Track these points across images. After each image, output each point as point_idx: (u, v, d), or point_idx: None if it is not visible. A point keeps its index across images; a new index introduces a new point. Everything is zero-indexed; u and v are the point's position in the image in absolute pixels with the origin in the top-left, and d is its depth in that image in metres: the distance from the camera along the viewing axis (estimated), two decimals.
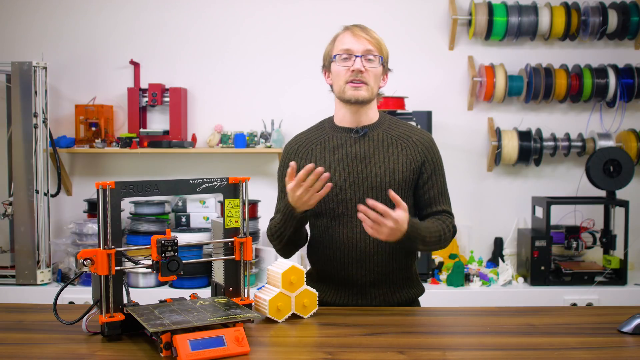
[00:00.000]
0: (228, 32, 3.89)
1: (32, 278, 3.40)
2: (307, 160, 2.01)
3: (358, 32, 1.95)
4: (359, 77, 1.93)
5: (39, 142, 3.44)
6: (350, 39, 1.96)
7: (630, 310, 1.77)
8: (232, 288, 1.75)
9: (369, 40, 1.95)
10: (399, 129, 2.03)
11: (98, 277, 1.56)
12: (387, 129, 2.02)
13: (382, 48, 1.98)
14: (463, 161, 3.89)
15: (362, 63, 1.93)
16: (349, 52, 1.94)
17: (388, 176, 1.95)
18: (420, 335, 1.67)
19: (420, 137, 2.02)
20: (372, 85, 1.96)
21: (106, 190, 1.55)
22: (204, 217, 3.65)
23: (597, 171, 3.52)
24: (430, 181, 2.00)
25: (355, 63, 1.93)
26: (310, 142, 2.04)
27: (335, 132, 2.02)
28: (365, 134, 1.99)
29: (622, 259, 3.50)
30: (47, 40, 3.88)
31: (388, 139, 2.00)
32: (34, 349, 1.52)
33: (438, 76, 3.89)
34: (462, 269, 3.49)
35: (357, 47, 1.94)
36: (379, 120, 2.03)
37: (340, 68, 1.95)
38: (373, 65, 1.95)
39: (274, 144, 3.71)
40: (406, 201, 1.97)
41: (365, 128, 2.00)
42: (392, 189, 1.92)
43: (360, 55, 1.93)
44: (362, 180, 1.96)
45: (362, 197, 1.95)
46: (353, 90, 1.94)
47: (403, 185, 1.96)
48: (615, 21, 3.73)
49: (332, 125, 2.04)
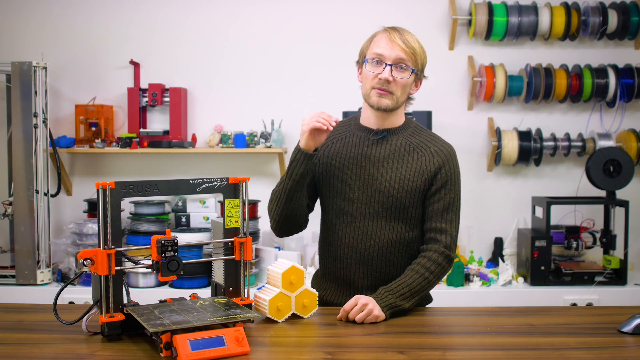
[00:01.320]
0: (228, 32, 3.89)
1: (32, 278, 3.40)
2: (326, 151, 2.02)
3: (395, 38, 1.88)
4: (385, 86, 1.89)
5: (39, 142, 3.44)
6: (385, 43, 1.89)
7: (630, 310, 1.77)
8: (232, 288, 1.75)
9: (404, 49, 1.88)
10: (420, 136, 2.00)
11: (98, 277, 1.56)
12: (408, 135, 1.99)
13: (417, 58, 1.90)
14: (463, 161, 3.79)
15: (392, 72, 1.88)
16: (380, 57, 1.89)
17: (397, 182, 1.93)
18: (420, 335, 1.67)
19: (440, 149, 1.98)
20: (399, 95, 1.92)
21: (106, 190, 1.55)
22: (204, 217, 3.65)
23: (597, 171, 3.52)
24: (438, 194, 1.95)
25: (384, 72, 1.88)
26: (334, 135, 2.04)
27: (358, 130, 2.02)
28: (385, 138, 1.98)
29: (622, 259, 3.49)
30: (47, 40, 3.87)
31: (406, 146, 1.97)
32: (34, 349, 1.52)
33: (438, 76, 3.86)
34: (462, 269, 3.49)
35: (389, 53, 1.88)
36: (403, 126, 2.00)
37: (370, 72, 1.92)
38: (403, 76, 1.90)
39: (274, 144, 3.71)
40: (415, 211, 1.96)
41: (385, 132, 1.98)
42: (400, 197, 1.93)
43: (390, 64, 1.88)
44: (371, 183, 1.95)
45: (369, 199, 1.94)
46: (377, 97, 1.92)
47: (412, 194, 1.94)
48: (615, 21, 3.73)
49: (357, 123, 2.04)
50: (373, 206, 1.94)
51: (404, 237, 1.96)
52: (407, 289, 1.84)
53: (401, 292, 1.83)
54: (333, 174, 1.99)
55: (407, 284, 1.85)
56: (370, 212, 1.94)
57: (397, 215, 1.94)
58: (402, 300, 1.82)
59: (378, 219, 1.95)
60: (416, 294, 1.85)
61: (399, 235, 1.95)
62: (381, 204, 1.94)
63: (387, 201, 1.93)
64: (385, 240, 1.95)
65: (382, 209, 1.94)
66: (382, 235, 1.95)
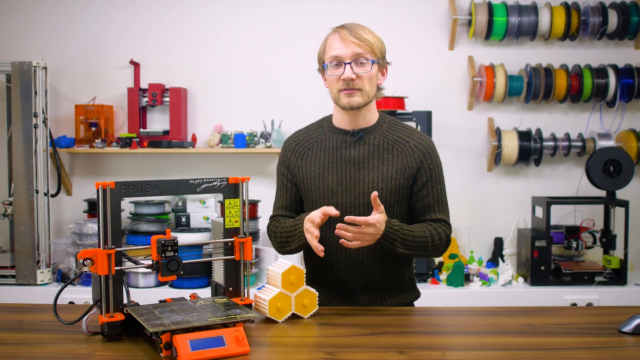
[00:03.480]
0: (228, 32, 3.89)
1: (32, 278, 3.40)
2: (303, 159, 2.00)
3: (346, 36, 1.86)
4: (351, 85, 1.87)
5: (39, 142, 3.44)
6: (338, 44, 1.87)
7: (630, 310, 1.77)
8: (232, 288, 1.75)
9: (358, 43, 1.85)
10: (397, 132, 1.97)
11: (98, 277, 1.56)
12: (385, 132, 1.97)
13: (374, 48, 1.88)
14: (463, 161, 3.89)
15: (353, 69, 1.86)
16: (337, 59, 1.87)
17: (381, 182, 1.91)
18: (420, 335, 1.67)
19: (418, 143, 1.95)
20: (367, 90, 1.89)
21: (106, 190, 1.55)
22: (204, 217, 3.65)
23: (597, 171, 3.52)
24: (425, 188, 1.94)
25: (346, 71, 1.85)
26: (308, 141, 2.02)
27: (332, 133, 1.99)
28: (361, 138, 1.95)
29: (622, 259, 3.49)
30: (47, 40, 3.88)
31: (384, 144, 1.95)
32: (34, 349, 1.52)
33: (438, 76, 3.88)
34: (462, 269, 3.49)
35: (345, 52, 1.85)
36: (378, 123, 1.98)
37: (332, 76, 1.90)
38: (365, 70, 1.87)
39: (274, 144, 3.71)
40: (400, 208, 1.95)
41: (361, 132, 1.95)
42: (385, 196, 1.90)
43: (349, 62, 1.86)
44: (355, 185, 1.93)
45: (354, 201, 1.93)
46: (347, 98, 1.89)
47: (396, 192, 1.92)
48: (615, 21, 3.73)
49: (331, 125, 2.01)
50: (358, 208, 1.92)
51: None
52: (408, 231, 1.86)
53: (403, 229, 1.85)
54: (314, 180, 1.96)
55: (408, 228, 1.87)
56: (356, 215, 1.89)
57: None
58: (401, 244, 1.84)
59: None
60: (411, 248, 1.87)
61: None
62: (366, 205, 1.91)
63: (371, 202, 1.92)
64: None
65: (367, 211, 1.89)
66: None
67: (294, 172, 2.01)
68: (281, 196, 2.06)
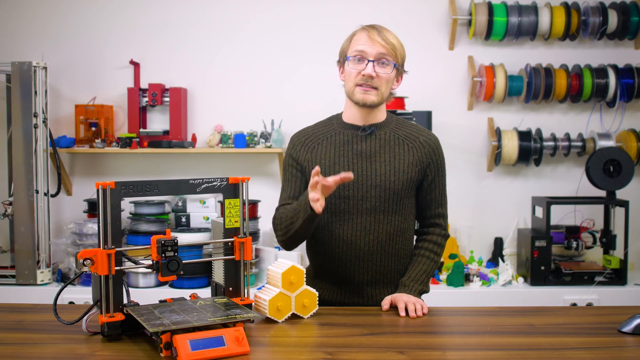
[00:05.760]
0: (228, 32, 3.89)
1: (32, 278, 3.40)
2: (312, 153, 2.01)
3: (374, 35, 1.92)
4: (369, 82, 1.92)
5: (39, 142, 3.44)
6: (365, 40, 1.92)
7: (630, 310, 1.77)
8: (232, 288, 1.75)
9: (384, 45, 1.91)
10: (405, 129, 2.03)
11: (98, 277, 1.56)
12: (394, 128, 2.02)
13: (397, 53, 1.94)
14: (463, 161, 3.89)
15: (374, 68, 1.91)
16: (362, 54, 1.92)
17: (393, 175, 1.95)
18: (420, 335, 1.67)
19: (427, 139, 2.02)
20: (383, 90, 1.94)
21: (106, 190, 1.55)
22: (204, 217, 3.65)
23: (597, 171, 3.52)
24: (433, 183, 2.02)
25: (367, 68, 1.91)
26: (317, 136, 2.04)
27: (342, 128, 2.02)
28: (372, 133, 1.99)
29: (622, 259, 3.49)
30: (47, 40, 3.88)
31: (395, 139, 2.00)
32: (34, 349, 1.52)
33: (438, 76, 3.88)
34: (462, 269, 3.49)
35: (370, 50, 1.91)
36: (387, 120, 2.03)
37: (352, 70, 1.93)
38: (385, 71, 1.92)
39: (274, 144, 3.71)
40: (408, 201, 2.00)
41: (373, 127, 1.99)
42: (397, 189, 1.95)
43: (373, 60, 1.91)
44: (366, 178, 1.95)
45: (365, 195, 1.95)
46: (362, 94, 1.93)
47: (407, 185, 1.97)
48: (615, 21, 3.73)
49: (340, 121, 2.04)
50: (370, 201, 1.95)
51: (400, 227, 1.98)
52: (425, 275, 1.99)
53: (422, 280, 1.98)
54: (324, 174, 1.97)
55: (424, 271, 2.00)
56: (366, 208, 1.95)
57: (393, 207, 1.96)
58: (425, 285, 1.99)
59: (375, 213, 1.95)
60: (430, 276, 2.02)
61: (396, 227, 1.97)
62: (378, 198, 1.94)
63: (383, 195, 1.94)
64: (383, 234, 1.96)
65: (379, 203, 1.94)
66: (380, 229, 1.96)
67: (304, 165, 2.01)
68: (289, 187, 2.04)
